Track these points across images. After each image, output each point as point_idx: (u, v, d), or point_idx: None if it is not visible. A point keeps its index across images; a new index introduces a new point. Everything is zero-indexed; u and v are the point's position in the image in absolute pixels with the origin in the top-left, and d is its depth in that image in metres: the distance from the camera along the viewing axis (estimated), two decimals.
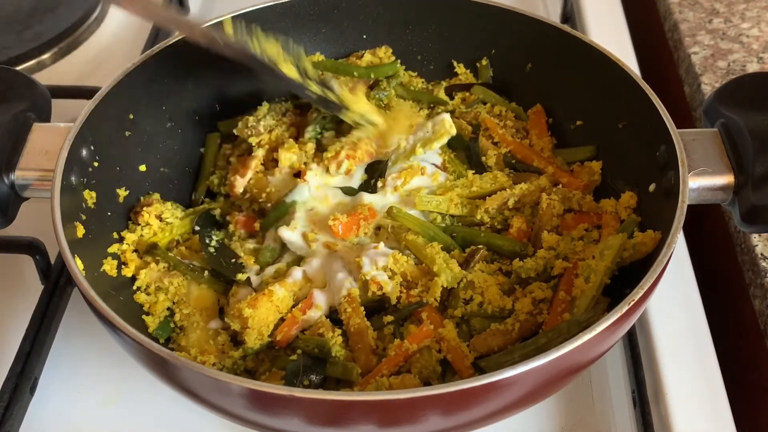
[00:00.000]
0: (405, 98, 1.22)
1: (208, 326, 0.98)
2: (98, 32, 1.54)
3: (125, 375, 1.02)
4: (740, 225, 0.95)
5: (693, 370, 1.00)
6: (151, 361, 0.82)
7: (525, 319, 0.93)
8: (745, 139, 0.94)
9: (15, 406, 0.95)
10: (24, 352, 0.99)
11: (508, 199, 1.05)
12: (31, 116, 1.03)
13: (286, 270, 1.01)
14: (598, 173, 1.08)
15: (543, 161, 1.11)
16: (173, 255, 1.04)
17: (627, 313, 0.79)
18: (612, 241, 0.93)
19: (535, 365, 0.74)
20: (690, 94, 1.38)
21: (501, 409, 0.82)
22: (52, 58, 1.48)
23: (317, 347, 0.91)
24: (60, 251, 0.88)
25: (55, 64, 1.48)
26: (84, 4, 1.55)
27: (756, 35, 1.43)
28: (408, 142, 1.11)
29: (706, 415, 0.96)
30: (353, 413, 0.76)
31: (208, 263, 1.03)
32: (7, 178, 0.97)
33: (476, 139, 1.13)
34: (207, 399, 0.82)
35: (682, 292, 1.10)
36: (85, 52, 1.51)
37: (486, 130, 1.16)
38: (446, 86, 1.25)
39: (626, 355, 1.02)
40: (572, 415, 0.99)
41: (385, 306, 0.96)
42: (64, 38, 1.48)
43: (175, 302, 0.99)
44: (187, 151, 1.17)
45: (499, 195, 1.05)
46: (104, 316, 0.82)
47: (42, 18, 1.51)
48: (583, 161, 1.11)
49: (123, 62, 1.47)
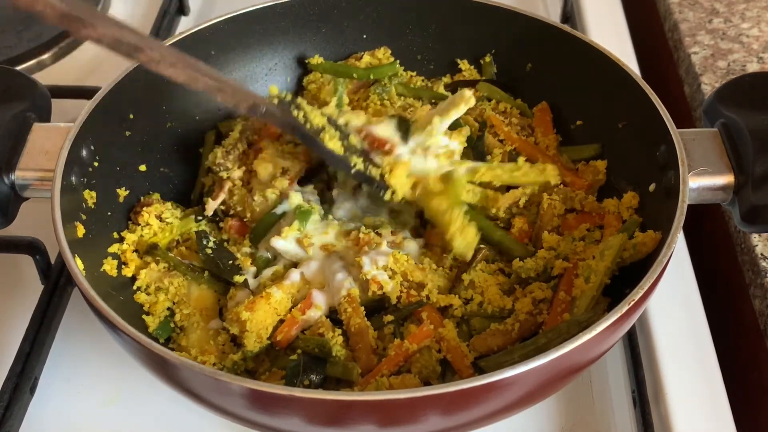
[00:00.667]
0: (405, 96, 1.22)
1: (208, 326, 0.98)
2: None
3: (125, 375, 1.02)
4: (740, 225, 0.95)
5: (693, 370, 1.00)
6: (151, 361, 0.82)
7: (525, 319, 0.93)
8: (745, 138, 0.94)
9: (15, 406, 0.95)
10: (24, 352, 0.99)
11: (519, 198, 1.04)
12: (31, 116, 1.03)
13: (283, 272, 1.01)
14: (602, 172, 1.08)
15: (548, 159, 1.11)
16: (173, 255, 1.03)
17: (627, 313, 0.79)
18: (612, 242, 0.93)
19: (535, 365, 0.74)
20: (690, 94, 1.38)
21: (501, 409, 0.82)
22: (52, 58, 1.48)
23: (318, 347, 0.91)
24: (60, 251, 0.88)
25: (55, 64, 1.48)
26: (86, 4, 1.54)
27: (756, 35, 1.43)
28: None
29: (706, 415, 0.96)
30: (353, 413, 0.76)
31: (205, 264, 1.03)
32: (7, 178, 0.97)
33: (482, 137, 1.13)
34: (207, 399, 0.82)
35: (682, 292, 1.10)
36: (85, 52, 1.51)
37: (491, 128, 1.15)
38: (449, 82, 1.25)
39: (626, 355, 1.02)
40: (572, 415, 0.99)
41: (385, 306, 0.96)
42: (64, 38, 1.48)
43: (175, 302, 0.99)
44: (187, 150, 1.17)
45: (511, 193, 1.05)
46: (104, 316, 0.82)
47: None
48: (588, 160, 1.11)
49: (123, 62, 1.48)
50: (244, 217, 1.08)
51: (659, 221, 0.93)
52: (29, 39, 1.47)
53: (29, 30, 1.48)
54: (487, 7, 1.20)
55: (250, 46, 1.21)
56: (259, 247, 1.05)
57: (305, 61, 1.25)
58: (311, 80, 1.24)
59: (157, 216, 1.05)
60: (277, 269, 1.02)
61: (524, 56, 1.20)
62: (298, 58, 1.26)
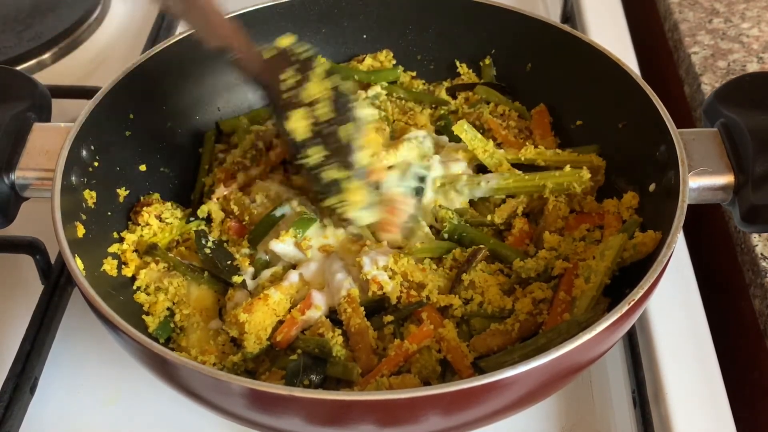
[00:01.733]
0: (406, 100, 1.22)
1: (208, 326, 0.98)
2: (98, 32, 1.54)
3: (125, 375, 1.02)
4: (740, 225, 0.95)
5: (693, 370, 1.00)
6: (151, 361, 0.82)
7: (525, 320, 0.93)
8: (745, 138, 0.94)
9: (15, 406, 0.95)
10: (24, 352, 0.99)
11: (517, 207, 1.05)
12: (32, 116, 1.03)
13: (282, 273, 1.01)
14: (601, 173, 1.08)
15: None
16: (173, 255, 1.03)
17: (627, 313, 0.79)
18: (612, 242, 0.93)
19: (534, 365, 0.74)
20: (690, 94, 1.38)
21: (501, 409, 0.82)
22: (52, 58, 1.48)
23: (318, 347, 0.91)
24: (60, 251, 0.88)
25: (55, 64, 1.48)
26: (84, 4, 1.55)
27: (756, 35, 1.43)
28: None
29: (707, 415, 0.96)
30: (353, 413, 0.76)
31: (203, 264, 1.03)
32: (8, 178, 0.97)
33: None
34: (207, 399, 0.82)
35: (682, 292, 1.09)
36: (85, 52, 1.51)
37: (489, 131, 1.16)
38: (449, 86, 1.25)
39: (626, 355, 1.02)
40: (572, 415, 0.99)
41: (385, 306, 0.96)
42: (64, 38, 1.48)
43: (175, 302, 0.99)
44: (187, 150, 1.17)
45: (509, 204, 1.05)
46: (104, 316, 0.82)
47: (42, 18, 1.51)
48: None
49: (123, 62, 1.47)
50: (243, 220, 1.08)
51: (659, 221, 0.93)
52: (29, 39, 1.47)
53: (29, 30, 1.48)
54: (487, 7, 1.20)
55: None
56: (258, 249, 1.05)
57: None
58: None
59: (157, 216, 1.05)
60: (275, 270, 1.02)
61: (524, 56, 1.21)
62: None
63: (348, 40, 1.26)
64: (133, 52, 1.49)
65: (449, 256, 1.01)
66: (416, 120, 1.19)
